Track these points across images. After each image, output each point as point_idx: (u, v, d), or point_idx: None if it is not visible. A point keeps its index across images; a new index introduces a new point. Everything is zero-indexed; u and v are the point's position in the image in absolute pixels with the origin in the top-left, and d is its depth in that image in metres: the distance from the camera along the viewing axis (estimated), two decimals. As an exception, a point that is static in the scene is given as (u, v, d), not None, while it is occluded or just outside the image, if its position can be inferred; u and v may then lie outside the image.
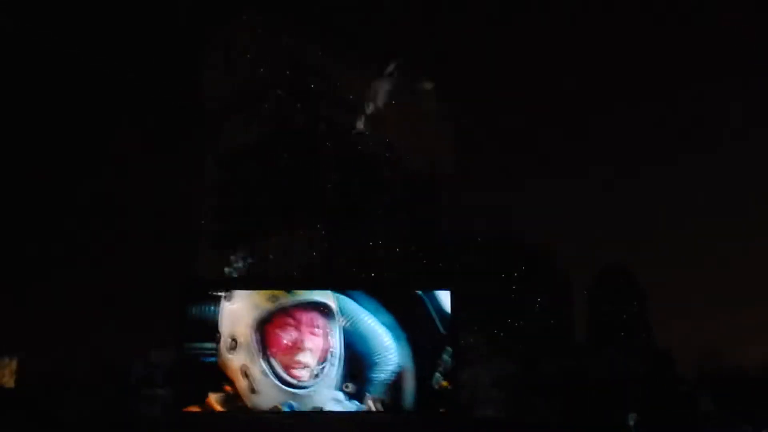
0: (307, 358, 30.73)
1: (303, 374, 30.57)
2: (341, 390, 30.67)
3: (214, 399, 30.91)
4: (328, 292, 31.43)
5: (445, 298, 31.72)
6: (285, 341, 30.79)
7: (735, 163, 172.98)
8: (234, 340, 30.95)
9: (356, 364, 30.74)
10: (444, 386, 30.80)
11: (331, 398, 30.68)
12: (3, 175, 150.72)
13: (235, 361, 30.89)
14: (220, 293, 31.48)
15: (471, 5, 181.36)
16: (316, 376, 30.62)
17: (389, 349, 30.84)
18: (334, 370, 30.69)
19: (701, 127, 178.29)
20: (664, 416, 46.20)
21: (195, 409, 31.12)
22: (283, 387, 30.56)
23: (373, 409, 30.64)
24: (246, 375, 30.74)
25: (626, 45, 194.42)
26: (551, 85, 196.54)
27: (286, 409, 30.66)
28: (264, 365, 30.66)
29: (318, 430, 31.12)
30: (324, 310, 31.15)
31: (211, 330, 30.97)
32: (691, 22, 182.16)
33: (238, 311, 31.32)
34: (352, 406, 30.71)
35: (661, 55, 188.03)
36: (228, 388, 30.85)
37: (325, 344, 30.66)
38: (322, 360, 30.62)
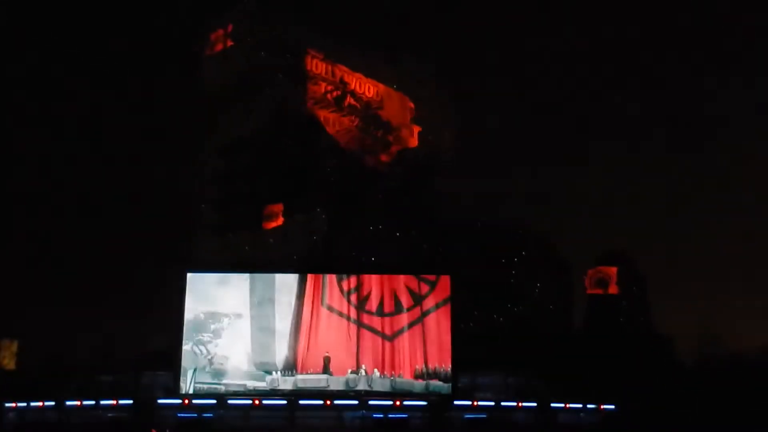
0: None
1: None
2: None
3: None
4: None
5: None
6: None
7: (735, 151, 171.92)
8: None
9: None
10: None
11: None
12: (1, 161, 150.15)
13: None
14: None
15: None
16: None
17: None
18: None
19: (705, 118, 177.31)
20: (664, 402, 46.25)
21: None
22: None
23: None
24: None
25: (626, 36, 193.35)
26: (550, 73, 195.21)
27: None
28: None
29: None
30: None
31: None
32: (690, 21, 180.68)
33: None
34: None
35: (661, 46, 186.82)
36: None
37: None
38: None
